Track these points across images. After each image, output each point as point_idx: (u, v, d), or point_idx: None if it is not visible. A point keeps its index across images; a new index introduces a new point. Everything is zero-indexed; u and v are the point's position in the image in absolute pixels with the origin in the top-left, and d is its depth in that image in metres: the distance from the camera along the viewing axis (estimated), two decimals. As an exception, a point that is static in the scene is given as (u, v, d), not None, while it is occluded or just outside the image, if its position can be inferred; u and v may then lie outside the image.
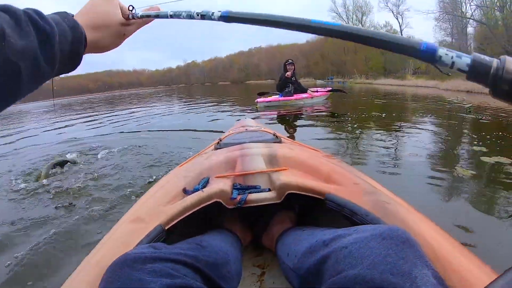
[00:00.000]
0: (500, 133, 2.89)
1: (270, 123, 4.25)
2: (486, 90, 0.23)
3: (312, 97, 6.42)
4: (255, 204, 0.70)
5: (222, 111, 6.43)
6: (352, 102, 7.27)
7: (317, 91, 6.73)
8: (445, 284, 0.37)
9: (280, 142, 1.13)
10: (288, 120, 4.65)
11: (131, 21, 0.48)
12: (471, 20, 20.92)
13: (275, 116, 5.09)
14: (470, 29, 22.20)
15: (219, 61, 70.41)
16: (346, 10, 34.14)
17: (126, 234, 0.57)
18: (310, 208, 0.88)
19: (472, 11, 20.30)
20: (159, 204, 0.66)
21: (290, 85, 6.30)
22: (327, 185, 0.70)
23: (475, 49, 21.73)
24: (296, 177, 0.73)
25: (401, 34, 29.65)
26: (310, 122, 4.30)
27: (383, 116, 4.54)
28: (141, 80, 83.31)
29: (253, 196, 0.71)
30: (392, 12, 29.56)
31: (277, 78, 6.94)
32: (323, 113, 5.24)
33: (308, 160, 0.83)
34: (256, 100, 6.20)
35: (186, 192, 0.70)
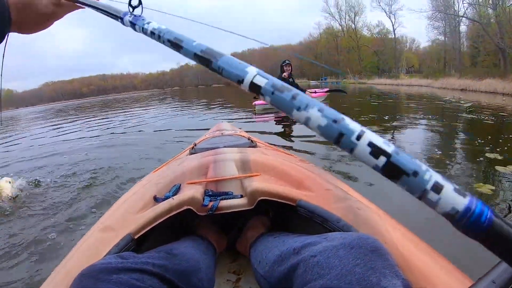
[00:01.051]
0: (511, 136, 2.64)
1: (267, 127, 4.13)
2: (481, 87, 0.19)
3: None
4: (228, 211, 0.69)
5: (219, 115, 6.15)
6: (348, 104, 7.08)
7: (315, 92, 6.49)
8: None
9: (254, 146, 1.12)
10: (286, 123, 4.43)
11: (62, 2, 0.45)
12: (463, 18, 20.93)
13: (273, 119, 4.87)
14: (463, 27, 22.25)
15: (212, 63, 70.01)
16: (339, 10, 34.16)
17: (95, 244, 0.55)
18: (283, 214, 0.85)
19: (465, 9, 20.31)
20: (130, 212, 0.65)
21: None
22: (299, 192, 0.69)
23: (468, 47, 21.79)
24: (267, 183, 0.72)
25: (394, 34, 29.92)
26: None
27: (381, 118, 4.31)
28: (135, 83, 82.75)
29: (225, 202, 0.70)
30: (385, 11, 29.57)
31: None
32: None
33: (281, 166, 0.82)
34: (253, 103, 5.84)
35: (156, 199, 0.69)
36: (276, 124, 4.51)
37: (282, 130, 4.01)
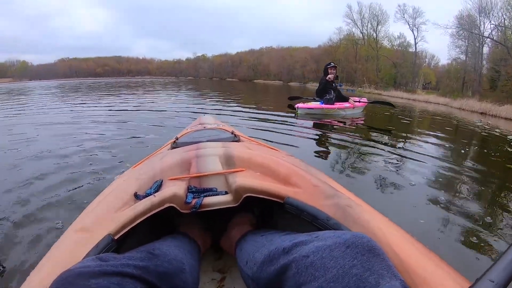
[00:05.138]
0: None
1: (312, 136, 3.87)
2: (501, 113, 0.18)
3: (354, 107, 5.83)
4: (212, 208, 0.67)
5: (258, 121, 4.88)
6: (378, 118, 6.63)
7: (359, 101, 6.12)
8: None
9: (238, 140, 1.10)
10: (325, 130, 4.30)
11: None
12: (488, 39, 20.86)
13: (313, 125, 4.75)
14: (485, 49, 22.14)
15: (228, 57, 69.98)
16: (362, 17, 34.04)
17: (72, 246, 0.53)
18: (270, 210, 0.84)
19: (491, 30, 20.20)
20: (108, 211, 0.62)
21: (332, 91, 5.63)
22: (286, 188, 0.68)
23: (489, 70, 21.71)
24: (253, 179, 0.70)
25: (415, 48, 29.76)
26: (361, 138, 3.67)
27: (419, 143, 3.80)
28: (149, 69, 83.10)
29: (209, 199, 0.67)
30: (408, 24, 29.42)
31: (285, 79, 6.51)
32: (365, 127, 4.80)
33: (267, 161, 0.80)
34: (296, 106, 5.57)
35: (137, 197, 0.66)
36: (315, 129, 4.44)
37: (319, 136, 3.93)
